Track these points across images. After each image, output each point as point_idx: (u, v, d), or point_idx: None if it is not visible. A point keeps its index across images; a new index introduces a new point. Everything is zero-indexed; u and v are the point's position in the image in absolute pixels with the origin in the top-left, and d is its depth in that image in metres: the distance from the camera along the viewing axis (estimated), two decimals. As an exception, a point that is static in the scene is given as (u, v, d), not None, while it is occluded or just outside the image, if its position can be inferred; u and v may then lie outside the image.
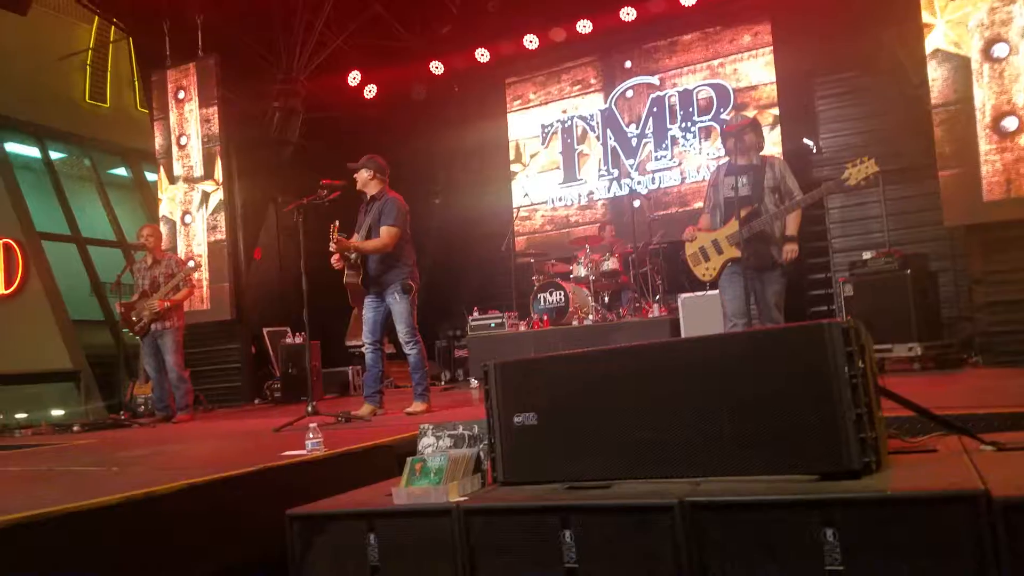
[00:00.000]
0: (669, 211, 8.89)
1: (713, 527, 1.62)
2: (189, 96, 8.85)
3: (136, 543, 2.13)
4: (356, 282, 4.83)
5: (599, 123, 9.55)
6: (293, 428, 4.25)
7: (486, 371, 2.17)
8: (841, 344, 1.67)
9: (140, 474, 2.87)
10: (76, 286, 10.66)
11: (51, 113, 11.06)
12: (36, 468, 3.50)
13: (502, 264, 9.10)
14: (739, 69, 8.76)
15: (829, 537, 1.50)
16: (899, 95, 7.62)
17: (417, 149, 9.99)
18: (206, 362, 8.52)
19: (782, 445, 1.71)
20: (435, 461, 2.11)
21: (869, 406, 1.68)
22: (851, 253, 7.20)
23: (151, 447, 4.04)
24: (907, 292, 5.32)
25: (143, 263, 6.40)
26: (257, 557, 2.36)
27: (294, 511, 2.14)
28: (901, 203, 7.94)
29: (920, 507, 1.46)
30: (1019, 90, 5.32)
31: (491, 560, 1.87)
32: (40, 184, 11.07)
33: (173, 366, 6.16)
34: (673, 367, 1.89)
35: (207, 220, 8.67)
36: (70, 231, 10.99)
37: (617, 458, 1.94)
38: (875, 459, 1.65)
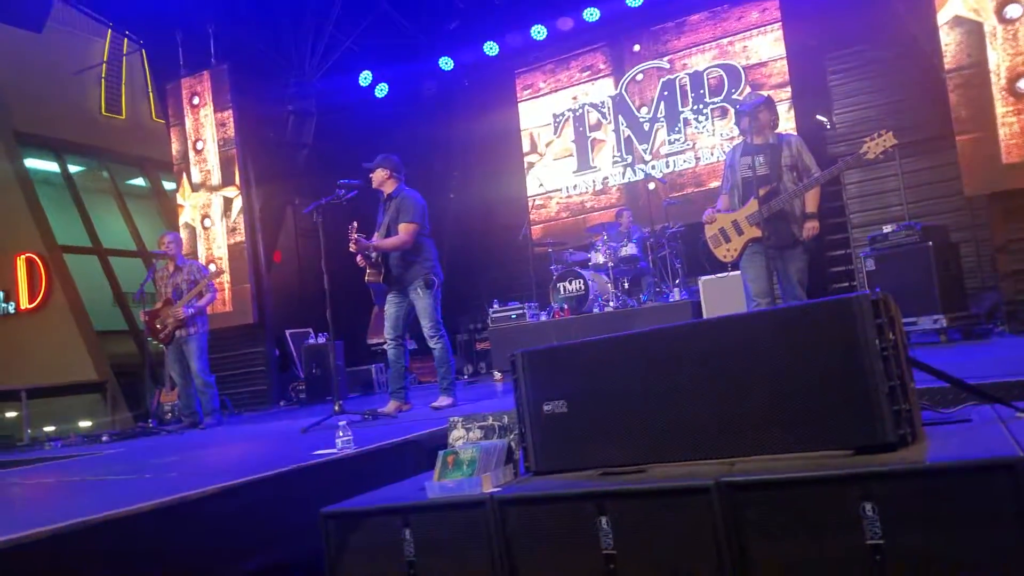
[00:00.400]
0: (685, 191, 8.85)
1: (750, 507, 1.61)
2: (204, 101, 8.93)
3: (173, 548, 2.16)
4: (378, 280, 4.85)
5: (610, 109, 9.52)
6: (321, 427, 4.29)
7: (513, 360, 2.17)
8: (871, 316, 1.66)
9: (173, 480, 2.90)
10: (99, 297, 10.81)
11: (68, 127, 11.21)
12: (71, 479, 3.55)
13: (520, 255, 9.11)
14: (748, 47, 8.69)
15: (868, 511, 1.50)
16: (912, 66, 7.52)
17: (430, 145, 10.03)
18: (231, 367, 8.62)
19: (815, 421, 1.71)
20: (467, 453, 2.12)
21: (902, 378, 1.66)
22: (870, 228, 7.12)
23: (181, 453, 4.09)
24: (930, 264, 5.26)
25: (165, 270, 6.46)
26: (293, 557, 2.39)
27: (328, 509, 2.15)
28: (918, 175, 7.85)
29: (959, 477, 1.45)
30: None
31: (528, 549, 1.88)
32: (60, 198, 11.23)
33: (199, 372, 6.21)
34: (701, 348, 1.88)
35: (227, 223, 8.76)
36: (91, 243, 11.13)
37: (649, 442, 1.94)
38: (910, 431, 1.64)
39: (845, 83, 8.43)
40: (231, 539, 2.32)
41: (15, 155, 10.42)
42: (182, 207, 9.14)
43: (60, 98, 11.11)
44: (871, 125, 8.11)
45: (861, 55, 8.28)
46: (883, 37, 7.93)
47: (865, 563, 1.50)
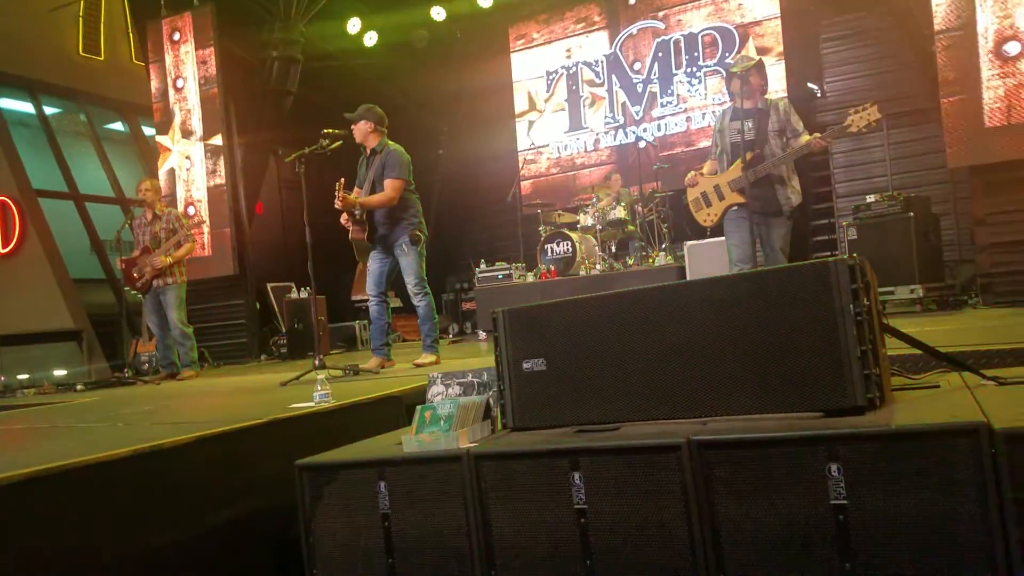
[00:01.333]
0: (674, 151, 8.83)
1: (720, 465, 1.64)
2: (185, 38, 8.69)
3: (146, 496, 2.15)
4: (362, 237, 4.79)
5: (604, 69, 9.41)
6: (300, 382, 4.29)
7: (495, 318, 2.18)
8: (847, 281, 1.67)
9: (147, 429, 2.89)
10: (75, 244, 10.63)
11: (44, 67, 10.85)
12: (40, 426, 3.52)
13: (508, 215, 9.08)
14: (744, 4, 8.61)
15: (834, 472, 1.53)
16: (904, 38, 7.49)
17: (419, 97, 9.88)
18: (210, 319, 8.57)
19: (788, 383, 1.73)
20: (444, 408, 2.13)
21: (874, 343, 1.69)
22: (855, 198, 7.17)
23: (156, 403, 4.06)
24: (910, 235, 5.32)
25: (143, 218, 6.36)
26: (267, 508, 2.39)
27: (303, 461, 2.15)
28: (905, 147, 7.88)
29: (923, 440, 1.48)
30: (1022, 14, 5.25)
31: (502, 504, 1.90)
32: (35, 140, 10.95)
33: (176, 323, 6.16)
34: (679, 308, 1.89)
35: (206, 165, 8.61)
36: (67, 188, 10.90)
37: (625, 401, 1.96)
38: (879, 395, 1.67)
39: (837, 51, 8.39)
40: (205, 490, 2.32)
41: (-12, 95, 10.14)
42: (168, 151, 8.92)
43: (36, 36, 10.74)
44: (861, 94, 8.11)
45: (854, 23, 8.23)
46: (877, 6, 7.87)
47: (829, 523, 1.53)
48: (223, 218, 8.53)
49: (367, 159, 4.90)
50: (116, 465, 2.10)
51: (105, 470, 2.07)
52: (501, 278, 7.98)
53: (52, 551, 1.89)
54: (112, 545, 2.03)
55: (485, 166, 10.13)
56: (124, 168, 11.73)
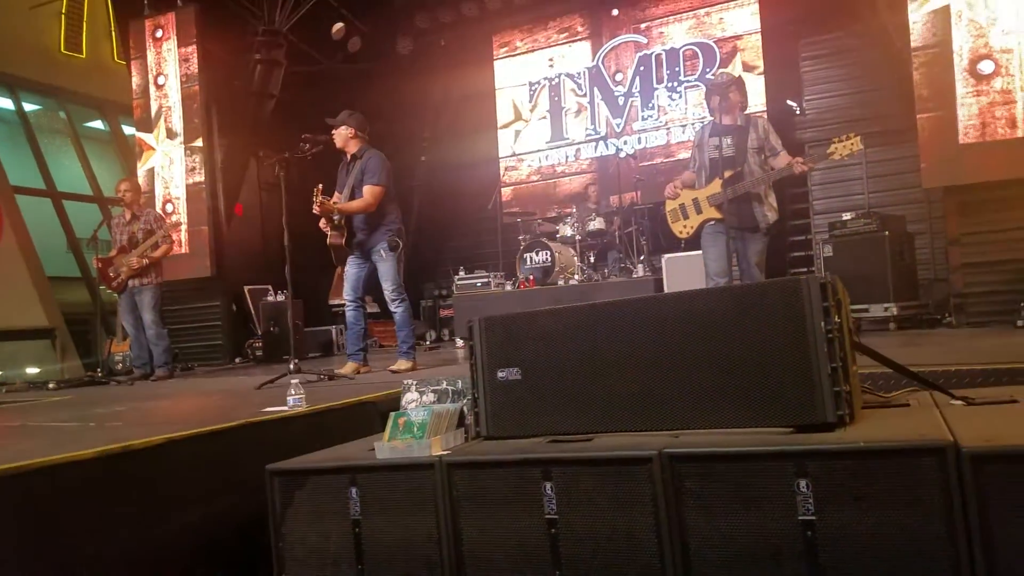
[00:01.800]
0: (653, 161, 8.90)
1: (691, 478, 1.65)
2: (168, 35, 8.62)
3: (114, 498, 2.12)
4: (340, 243, 4.78)
5: (586, 82, 9.48)
6: (275, 386, 4.25)
7: (471, 326, 2.18)
8: (819, 298, 1.70)
9: (118, 429, 2.85)
10: (52, 242, 10.48)
11: (24, 63, 10.74)
12: (10, 424, 3.46)
13: (489, 223, 9.09)
14: (724, 18, 8.73)
15: (803, 487, 1.54)
16: (882, 58, 7.62)
17: (402, 104, 9.86)
18: (186, 320, 8.46)
19: (759, 398, 1.75)
20: (418, 415, 2.12)
21: (844, 360, 1.71)
22: (831, 215, 7.25)
23: (129, 403, 4.02)
24: (885, 253, 5.39)
25: (121, 218, 6.30)
26: (237, 513, 2.37)
27: (274, 466, 2.13)
28: (882, 166, 7.99)
29: (891, 458, 1.50)
30: (996, 34, 5.37)
31: (473, 512, 1.90)
32: (14, 136, 10.82)
33: (151, 323, 6.11)
34: (654, 321, 1.91)
35: (186, 163, 8.53)
36: (45, 185, 10.77)
37: (599, 412, 1.97)
38: (849, 412, 1.69)
39: (816, 70, 8.51)
40: (175, 492, 2.29)
41: (-33, 90, 10.01)
42: (152, 150, 8.80)
43: (16, 32, 10.62)
44: (839, 113, 8.23)
45: (833, 43, 8.36)
46: (857, 26, 8.00)
47: (797, 538, 1.55)
48: (201, 216, 8.45)
49: (347, 164, 4.89)
50: (84, 465, 2.07)
51: (73, 469, 2.04)
52: (480, 286, 7.98)
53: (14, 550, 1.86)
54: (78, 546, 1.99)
55: (466, 173, 10.14)
56: (103, 166, 11.61)
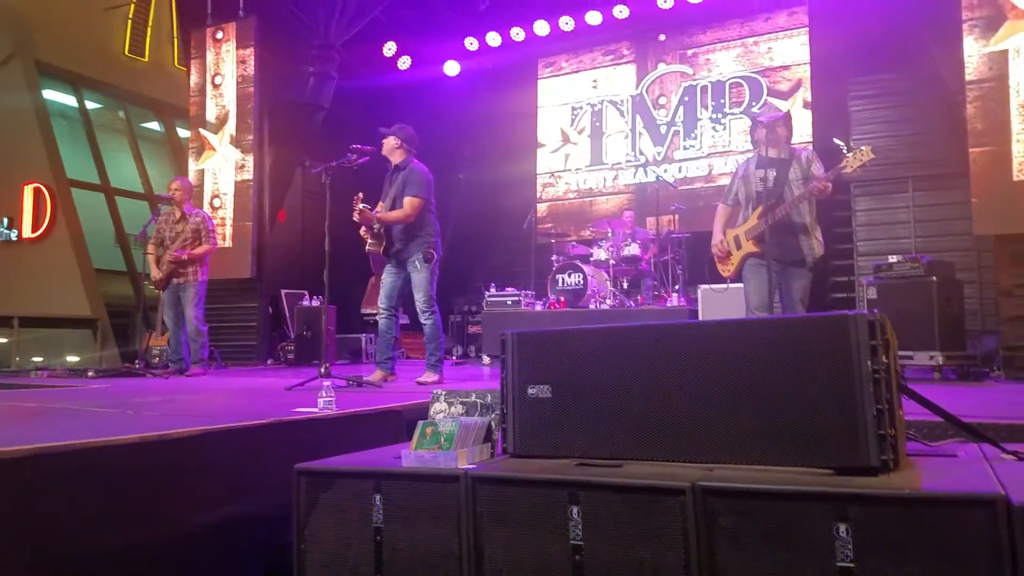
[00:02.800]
0: (694, 185, 8.83)
1: (724, 513, 1.60)
2: (228, 37, 8.89)
3: (146, 484, 2.15)
4: (378, 251, 4.84)
5: (628, 108, 9.48)
6: (304, 388, 4.29)
7: (504, 340, 2.16)
8: (866, 336, 1.64)
9: (154, 418, 2.90)
10: (101, 235, 10.80)
11: (90, 63, 11.18)
12: (52, 406, 3.54)
13: (522, 242, 9.09)
14: (773, 48, 8.67)
15: (841, 532, 1.48)
16: (934, 101, 7.49)
17: (445, 122, 9.98)
18: (223, 319, 8.61)
19: (799, 435, 1.69)
20: (446, 426, 2.10)
21: (890, 403, 1.64)
22: (876, 257, 7.11)
23: (165, 395, 4.08)
24: (932, 299, 5.22)
25: (170, 215, 6.43)
26: (263, 508, 2.38)
27: (302, 466, 2.13)
28: (930, 210, 7.82)
29: (936, 508, 1.43)
30: None
31: (495, 529, 1.87)
32: (74, 132, 11.21)
33: (193, 319, 6.22)
34: (693, 349, 1.86)
35: (235, 161, 8.74)
36: (100, 180, 11.11)
37: (630, 437, 1.92)
38: (893, 457, 1.62)
39: (865, 109, 8.40)
40: (203, 483, 2.31)
41: (35, 85, 10.41)
42: (212, 150, 8.99)
43: (85, 34, 11.07)
44: (888, 154, 8.09)
45: (884, 84, 8.24)
46: (909, 69, 7.88)
47: (832, 584, 1.48)
48: (246, 212, 8.66)
49: (391, 175, 4.96)
50: (122, 450, 2.11)
51: (111, 453, 2.08)
52: (510, 304, 7.97)
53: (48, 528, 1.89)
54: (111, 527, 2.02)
55: (503, 191, 10.19)
56: (156, 166, 11.96)
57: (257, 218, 8.70)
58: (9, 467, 1.83)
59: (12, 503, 1.82)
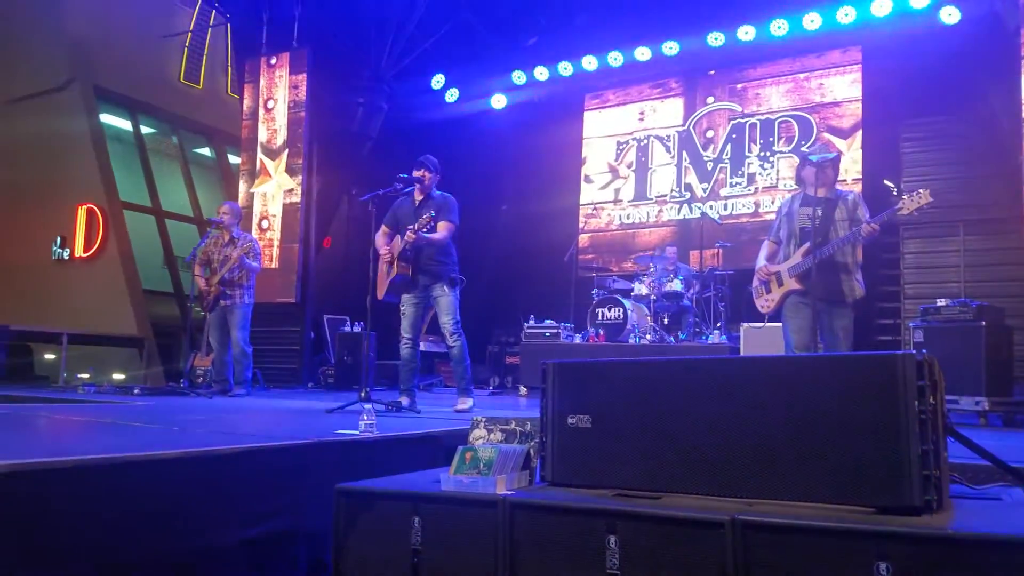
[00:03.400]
0: (739, 220, 8.78)
1: (764, 548, 1.60)
2: (281, 64, 9.19)
3: (192, 498, 2.20)
4: (407, 273, 4.91)
5: (675, 144, 9.51)
6: (345, 411, 4.35)
7: (544, 369, 2.19)
8: (914, 377, 1.64)
9: (200, 435, 2.98)
10: (150, 257, 11.11)
11: (146, 89, 11.59)
12: (102, 420, 3.65)
13: (563, 275, 9.11)
14: (824, 84, 8.63)
15: (882, 571, 1.47)
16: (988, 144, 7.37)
17: (490, 154, 10.12)
18: (266, 342, 8.75)
19: (842, 473, 1.68)
20: (486, 452, 2.13)
21: (936, 444, 1.63)
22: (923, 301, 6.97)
23: (209, 414, 4.18)
24: (980, 344, 5.11)
25: (220, 239, 6.57)
26: (303, 526, 2.42)
27: (343, 486, 2.18)
28: (980, 255, 7.67)
29: (980, 550, 1.41)
30: None
31: (532, 556, 1.88)
32: (128, 155, 11.60)
33: (239, 340, 6.34)
34: (735, 383, 1.87)
35: (283, 185, 8.98)
36: (151, 203, 11.46)
37: (669, 470, 1.93)
38: (937, 498, 1.61)
39: (917, 152, 8.30)
40: (247, 499, 2.35)
41: (93, 109, 10.79)
42: (268, 177, 9.19)
43: (142, 60, 11.49)
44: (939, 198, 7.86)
45: (937, 126, 8.15)
46: (962, 110, 7.79)
47: (872, 624, 1.47)
48: (293, 234, 8.85)
49: (419, 203, 5.02)
50: (169, 464, 2.17)
51: (158, 467, 2.14)
52: (548, 336, 7.98)
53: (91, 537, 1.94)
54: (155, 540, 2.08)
55: (545, 223, 10.23)
56: (206, 191, 12.30)
57: (303, 242, 8.90)
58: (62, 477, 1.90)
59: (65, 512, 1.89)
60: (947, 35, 7.28)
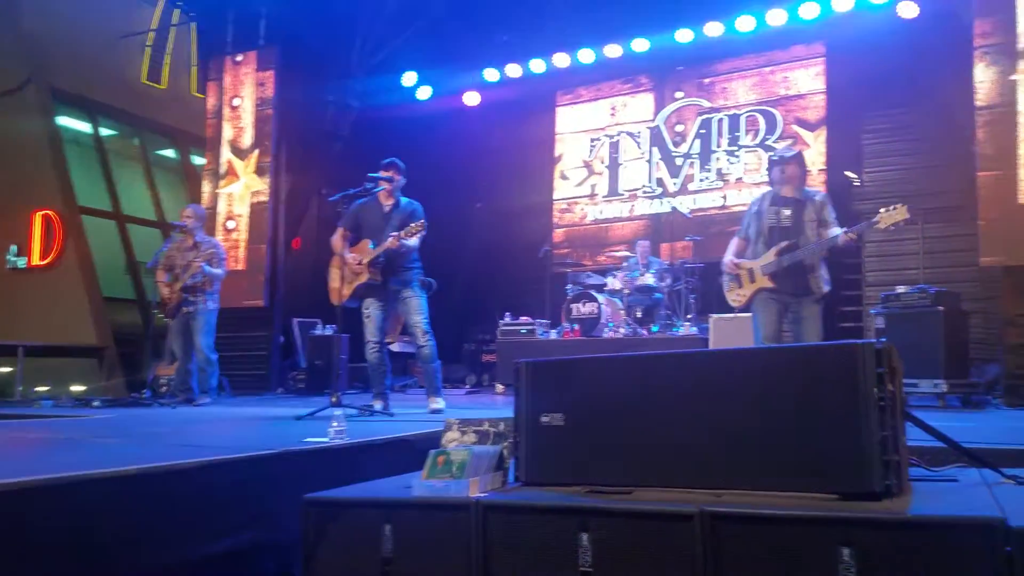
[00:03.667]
0: (708, 213, 8.90)
1: (732, 538, 1.63)
2: (248, 62, 9.02)
3: (152, 514, 2.14)
4: (379, 280, 4.90)
5: (646, 140, 9.60)
6: (315, 418, 4.31)
7: (517, 369, 2.20)
8: (873, 365, 1.68)
9: (160, 449, 2.90)
10: (111, 263, 10.83)
11: (106, 90, 11.19)
12: (57, 437, 3.54)
13: (538, 270, 9.14)
14: (789, 78, 8.78)
15: (846, 556, 1.51)
16: (946, 136, 7.57)
17: (464, 151, 10.08)
18: (233, 348, 8.60)
19: (806, 462, 1.72)
20: (458, 455, 2.12)
21: (895, 430, 1.68)
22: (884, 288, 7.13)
23: (172, 425, 4.08)
24: (938, 328, 5.26)
25: (183, 243, 6.43)
26: (269, 540, 2.37)
27: (311, 496, 2.15)
28: (938, 242, 7.86)
29: (938, 532, 1.46)
30: None
31: (506, 558, 1.88)
32: (87, 159, 11.26)
33: (203, 347, 6.20)
34: (701, 376, 1.91)
35: (251, 186, 8.83)
36: (112, 207, 11.17)
37: (640, 464, 1.95)
38: (896, 483, 1.65)
39: (878, 143, 8.49)
40: (211, 514, 2.29)
41: (49, 111, 10.45)
42: (236, 177, 9.02)
43: (101, 60, 11.10)
44: (898, 187, 8.17)
45: (897, 118, 8.34)
46: (920, 102, 7.99)
47: (838, 609, 1.50)
48: (261, 235, 8.71)
49: (388, 209, 5.01)
50: (126, 481, 2.10)
51: (115, 485, 2.07)
52: (524, 332, 8.00)
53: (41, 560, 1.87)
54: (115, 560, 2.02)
55: (520, 219, 10.25)
56: (169, 193, 12.03)
57: (272, 243, 8.76)
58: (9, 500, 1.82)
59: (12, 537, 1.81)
60: (906, 29, 7.47)
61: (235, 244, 8.83)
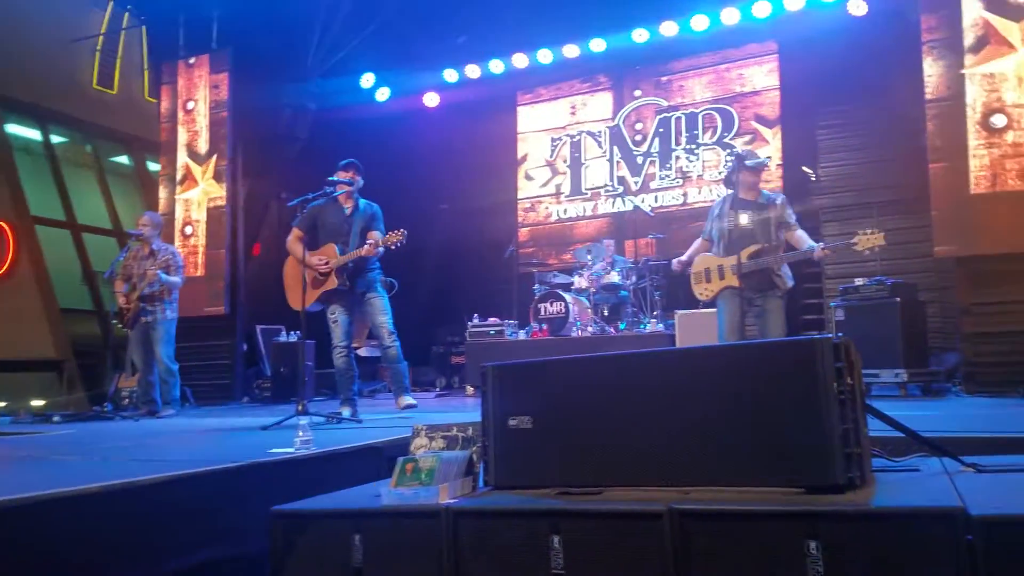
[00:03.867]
0: (670, 218, 8.99)
1: (700, 535, 1.65)
2: (201, 64, 8.87)
3: (116, 531, 2.10)
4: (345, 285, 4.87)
5: (606, 139, 9.67)
6: (282, 427, 4.24)
7: (483, 373, 2.19)
8: (831, 359, 1.71)
9: (122, 465, 2.82)
10: (67, 273, 10.58)
11: (56, 96, 10.92)
12: (14, 455, 3.44)
13: (504, 272, 9.13)
14: (744, 74, 8.92)
15: (812, 549, 1.53)
16: (897, 130, 7.75)
17: (426, 152, 10.03)
18: (195, 357, 8.44)
19: (770, 457, 1.75)
20: (426, 462, 2.11)
21: (856, 422, 1.71)
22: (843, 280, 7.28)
23: (134, 440, 3.99)
24: (896, 319, 5.40)
25: (140, 251, 6.31)
26: (238, 554, 2.33)
27: (278, 508, 2.12)
28: (895, 235, 7.98)
29: (901, 523, 1.49)
30: (1008, 89, 5.57)
31: (478, 564, 1.88)
32: (38, 167, 10.98)
33: (163, 358, 6.10)
34: (666, 376, 1.92)
35: (210, 192, 8.69)
36: (65, 217, 10.91)
37: (609, 465, 1.96)
38: (859, 475, 1.69)
39: (832, 139, 8.65)
40: (176, 531, 2.25)
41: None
42: (195, 183, 8.84)
43: (50, 65, 10.82)
44: (853, 181, 8.35)
45: (850, 114, 8.51)
46: (872, 98, 8.17)
47: (806, 601, 1.52)
48: (220, 240, 8.56)
49: (350, 212, 4.98)
50: (87, 500, 2.05)
51: (76, 504, 2.01)
52: (493, 334, 7.99)
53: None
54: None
55: (485, 220, 10.24)
56: (125, 201, 11.77)
57: (231, 249, 8.61)
58: None
59: None
60: (856, 26, 7.63)
61: (193, 250, 8.67)
